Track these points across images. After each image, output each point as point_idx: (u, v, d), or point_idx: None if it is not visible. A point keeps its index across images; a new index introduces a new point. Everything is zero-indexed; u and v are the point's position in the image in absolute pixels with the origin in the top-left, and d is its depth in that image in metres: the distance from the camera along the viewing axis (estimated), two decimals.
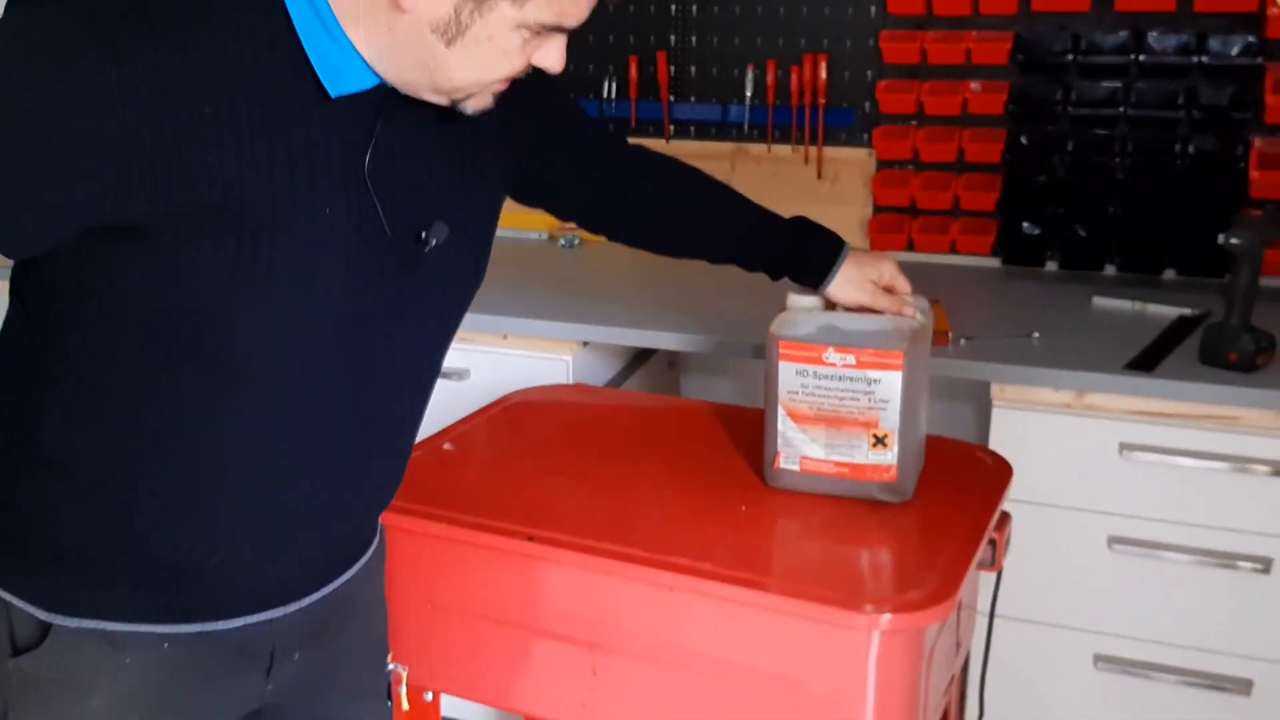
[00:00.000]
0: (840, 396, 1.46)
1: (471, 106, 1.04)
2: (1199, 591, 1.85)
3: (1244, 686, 1.85)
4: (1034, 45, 2.32)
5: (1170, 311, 2.10)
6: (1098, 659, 1.92)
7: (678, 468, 1.63)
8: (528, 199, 1.44)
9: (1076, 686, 1.94)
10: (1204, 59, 2.22)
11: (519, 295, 2.28)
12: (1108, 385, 1.80)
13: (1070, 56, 2.30)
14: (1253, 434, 1.76)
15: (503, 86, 1.04)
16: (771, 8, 2.53)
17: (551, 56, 1.02)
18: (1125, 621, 1.90)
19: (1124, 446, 1.83)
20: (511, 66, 1.00)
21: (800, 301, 1.53)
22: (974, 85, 2.37)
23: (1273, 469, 1.76)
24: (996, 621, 1.68)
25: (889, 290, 1.51)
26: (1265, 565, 1.80)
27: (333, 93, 0.98)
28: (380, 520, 1.36)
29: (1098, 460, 1.85)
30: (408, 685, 1.60)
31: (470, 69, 0.99)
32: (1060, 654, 1.94)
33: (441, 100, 1.02)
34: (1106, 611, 1.91)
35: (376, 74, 0.99)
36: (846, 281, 1.50)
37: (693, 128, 2.64)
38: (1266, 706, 1.85)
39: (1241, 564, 1.81)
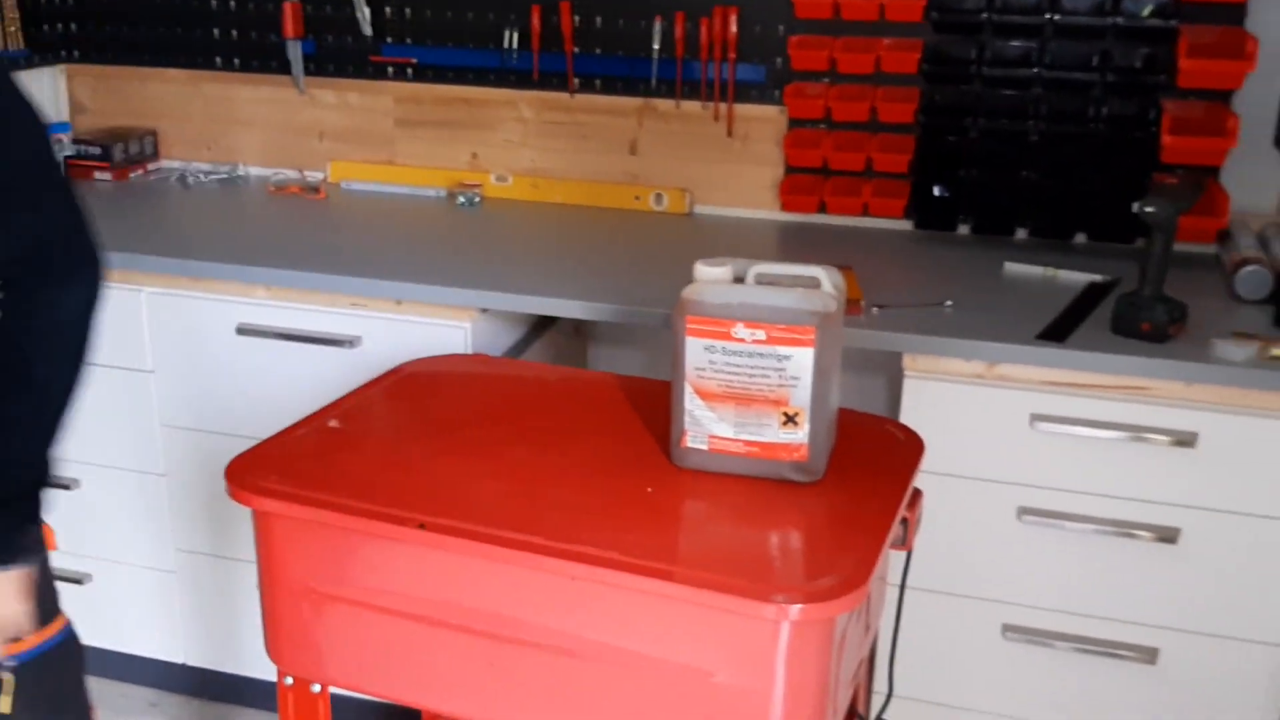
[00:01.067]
0: (750, 373, 1.40)
1: None
2: (1108, 562, 1.84)
3: (1150, 655, 1.85)
4: (948, 2, 2.26)
5: (1081, 278, 2.07)
6: (1006, 629, 1.91)
7: (582, 446, 1.55)
8: None
9: (985, 657, 1.93)
10: (1118, 20, 2.18)
11: (414, 257, 2.17)
12: (1019, 356, 1.77)
13: (985, 14, 2.24)
14: (1164, 404, 1.75)
15: None
16: None
17: None
18: (1034, 592, 1.89)
19: (1035, 417, 1.80)
20: None
21: (709, 273, 1.45)
22: (887, 42, 2.30)
23: (1182, 439, 1.75)
24: (906, 594, 1.64)
25: None
26: (1172, 535, 1.79)
27: None
28: None
29: (1009, 431, 1.82)
30: (294, 678, 1.52)
31: None
32: (969, 625, 1.92)
33: None
34: (1015, 582, 1.89)
35: None
36: None
37: (598, 81, 2.53)
38: (1172, 675, 1.85)
39: (1150, 534, 1.80)
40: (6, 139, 1.26)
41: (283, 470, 1.46)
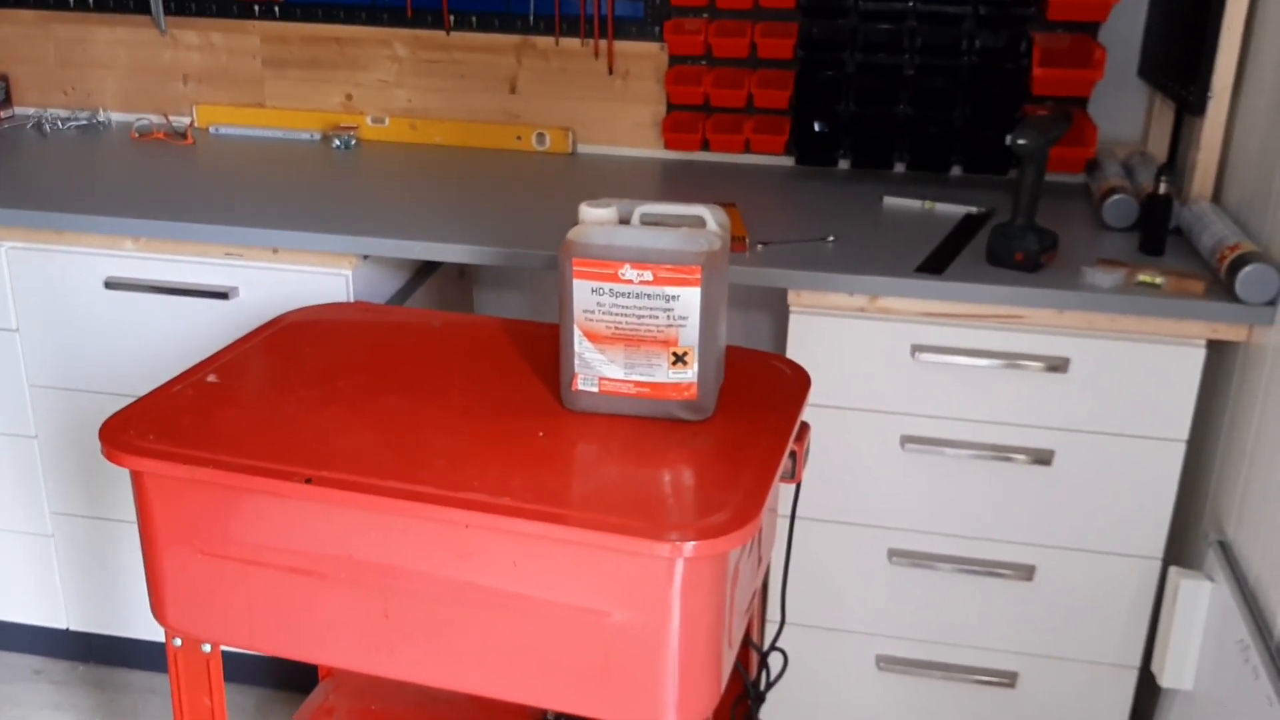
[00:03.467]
0: (638, 314, 1.40)
1: None
2: (986, 485, 1.90)
3: (1027, 572, 1.93)
4: None
5: (957, 210, 2.12)
6: (891, 554, 1.97)
7: (470, 392, 1.54)
8: None
9: (872, 582, 1.99)
10: None
11: (290, 204, 2.11)
12: (900, 289, 1.80)
13: None
14: (1038, 331, 1.80)
15: None
16: None
17: None
18: (917, 516, 1.94)
19: (916, 348, 1.84)
20: None
21: (594, 214, 1.44)
22: None
23: (1055, 365, 1.81)
24: (795, 524, 1.68)
25: None
26: (1047, 457, 1.86)
27: None
28: None
29: (891, 362, 1.86)
30: (183, 640, 1.48)
31: None
32: (856, 552, 1.98)
33: None
34: (900, 508, 1.95)
35: None
36: None
37: (474, 18, 2.48)
38: (1048, 590, 1.93)
39: (1025, 457, 1.87)
40: None
41: (160, 428, 1.42)
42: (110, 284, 2.06)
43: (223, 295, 2.01)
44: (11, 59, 2.70)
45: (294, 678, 2.35)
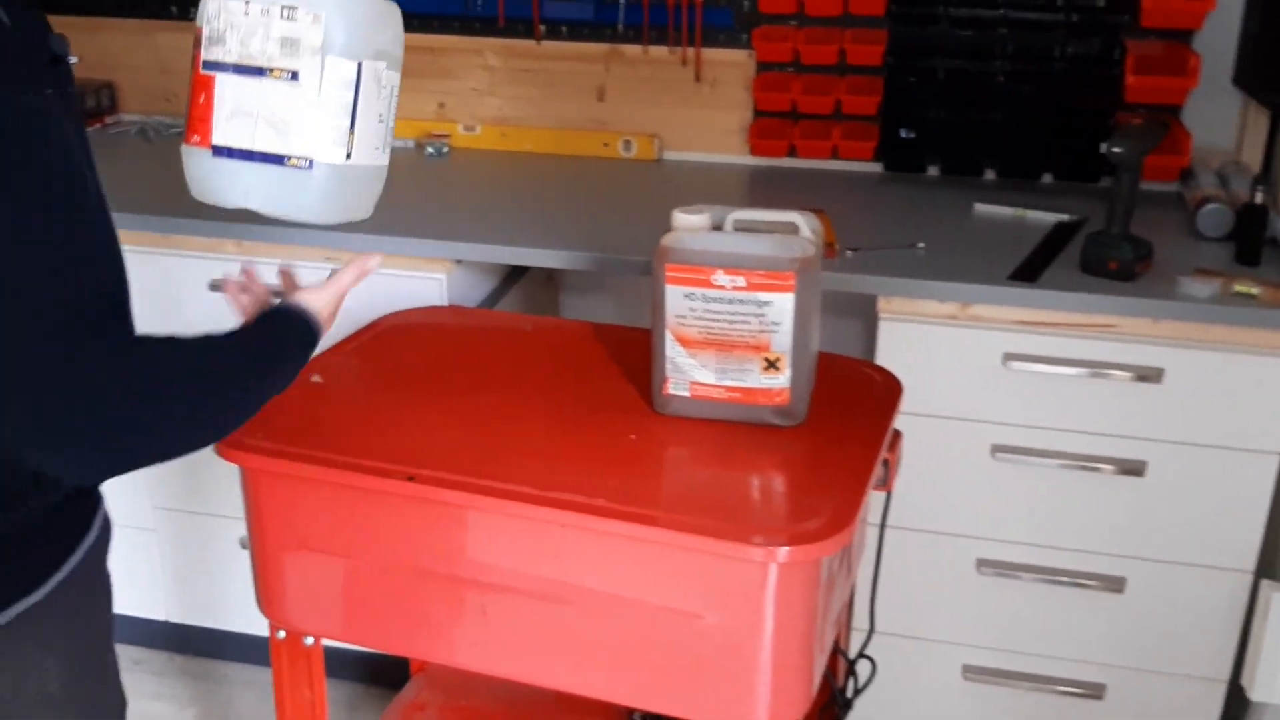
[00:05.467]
0: (730, 320, 1.42)
1: None
2: (1077, 495, 1.88)
3: (1117, 584, 1.91)
4: None
5: (1049, 218, 2.10)
6: (980, 564, 1.95)
7: (563, 394, 1.57)
8: None
9: (959, 592, 1.98)
10: None
11: (386, 210, 2.13)
12: (992, 296, 1.80)
13: None
14: (1131, 341, 1.78)
15: None
16: None
17: None
18: (1006, 526, 1.93)
19: (1007, 356, 1.83)
20: None
21: (687, 220, 1.46)
22: None
23: (1148, 375, 1.79)
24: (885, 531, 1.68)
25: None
26: (1139, 468, 1.84)
27: None
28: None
29: (982, 370, 1.85)
30: (287, 632, 1.53)
31: None
32: (944, 561, 1.97)
33: None
34: (989, 518, 1.93)
35: None
36: None
37: (565, 28, 2.51)
38: (1138, 602, 1.91)
39: (1117, 467, 1.84)
40: None
41: (269, 427, 1.46)
42: (214, 286, 2.12)
43: None
44: (116, 67, 2.79)
45: (385, 673, 2.39)
